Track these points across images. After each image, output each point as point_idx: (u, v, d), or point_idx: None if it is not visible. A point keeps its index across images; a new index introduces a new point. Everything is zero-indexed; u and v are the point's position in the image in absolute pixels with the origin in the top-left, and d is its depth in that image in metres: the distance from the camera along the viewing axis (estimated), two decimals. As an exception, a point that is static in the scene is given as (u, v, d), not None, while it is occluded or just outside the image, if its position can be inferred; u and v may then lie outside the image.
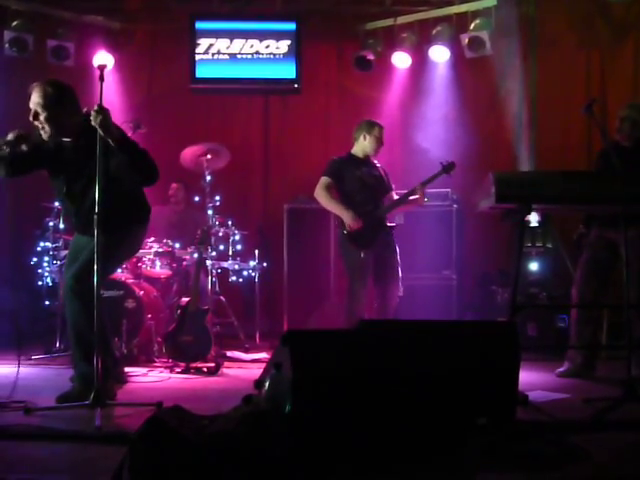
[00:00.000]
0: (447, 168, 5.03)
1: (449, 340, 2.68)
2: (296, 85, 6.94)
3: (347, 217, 4.88)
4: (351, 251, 4.93)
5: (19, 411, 3.31)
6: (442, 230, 6.19)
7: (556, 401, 3.76)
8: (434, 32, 6.73)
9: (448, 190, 6.24)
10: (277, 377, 2.43)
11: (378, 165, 5.16)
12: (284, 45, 6.92)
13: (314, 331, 2.97)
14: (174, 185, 6.37)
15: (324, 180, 5.02)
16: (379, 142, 5.04)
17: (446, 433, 2.49)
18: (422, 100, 6.97)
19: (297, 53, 6.91)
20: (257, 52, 6.94)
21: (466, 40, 6.54)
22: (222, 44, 6.94)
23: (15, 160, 3.72)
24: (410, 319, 4.97)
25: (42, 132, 3.69)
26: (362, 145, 5.06)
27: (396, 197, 5.10)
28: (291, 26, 6.95)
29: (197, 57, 6.91)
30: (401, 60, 6.93)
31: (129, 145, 3.63)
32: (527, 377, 4.01)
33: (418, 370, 2.58)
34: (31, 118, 3.66)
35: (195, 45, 6.90)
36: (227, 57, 6.94)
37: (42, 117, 3.64)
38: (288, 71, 6.92)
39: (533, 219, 5.86)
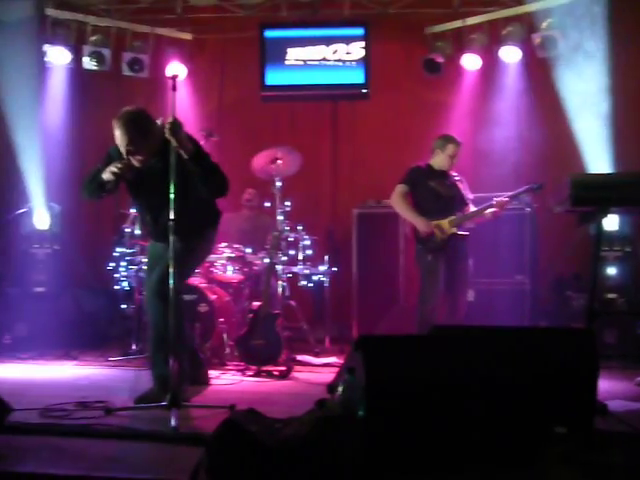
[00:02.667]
0: (535, 190, 5.09)
1: (525, 347, 2.63)
2: (364, 90, 6.94)
3: (419, 223, 5.04)
4: (423, 256, 5.07)
5: (100, 411, 3.44)
6: (515, 233, 6.05)
7: (636, 411, 3.63)
8: (504, 32, 6.63)
9: (521, 192, 6.12)
10: (350, 382, 2.44)
11: (457, 178, 5.23)
12: (354, 50, 6.94)
13: (387, 336, 2.96)
14: (250, 190, 6.46)
15: (400, 188, 5.17)
16: (451, 160, 5.14)
17: (523, 441, 2.45)
18: (493, 102, 6.86)
19: (366, 58, 6.92)
20: (326, 59, 6.98)
21: (538, 39, 6.42)
22: (293, 52, 7.03)
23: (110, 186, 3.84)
24: (482, 325, 4.90)
25: (135, 162, 3.80)
26: (437, 159, 5.19)
27: (473, 209, 5.15)
28: (359, 31, 6.98)
29: (267, 65, 7.01)
30: (471, 62, 6.86)
31: (201, 157, 3.74)
32: (606, 386, 3.88)
33: (492, 377, 2.54)
34: (125, 156, 3.76)
35: (264, 53, 7.01)
36: (296, 64, 7.01)
37: (133, 151, 3.74)
38: (356, 76, 6.94)
39: (611, 222, 5.68)
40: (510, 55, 6.69)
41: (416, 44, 7.13)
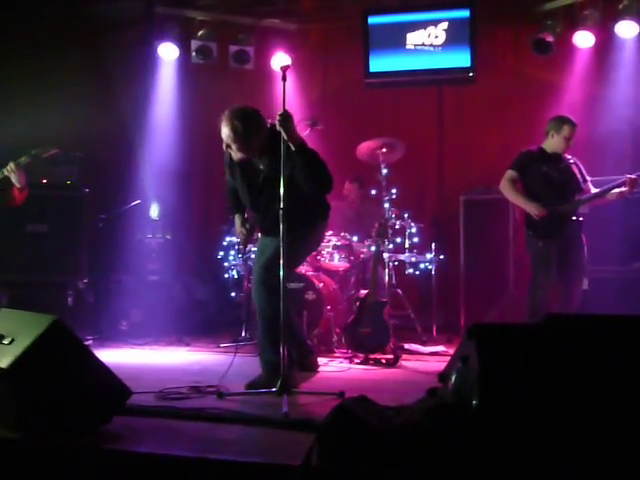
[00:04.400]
0: None
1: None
2: (471, 74, 6.75)
3: (531, 208, 4.89)
4: (534, 242, 4.93)
5: (212, 395, 3.52)
6: (633, 218, 5.74)
7: None
8: (621, 6, 6.27)
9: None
10: (464, 371, 2.38)
11: (571, 161, 5.02)
12: (446, 35, 6.76)
13: (501, 324, 2.85)
14: (347, 185, 6.45)
15: (510, 173, 5.04)
16: (567, 143, 4.95)
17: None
18: (608, 81, 6.51)
19: (471, 41, 6.72)
20: (430, 43, 6.84)
21: (659, 12, 6.03)
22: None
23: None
24: (602, 314, 4.67)
25: (233, 154, 3.91)
26: (551, 142, 5.00)
27: (594, 190, 4.93)
28: (464, 13, 6.78)
29: (371, 52, 6.94)
30: (583, 39, 6.52)
31: (307, 151, 3.76)
32: None
33: (615, 370, 2.40)
34: (224, 147, 3.90)
35: (368, 40, 6.93)
36: (400, 49, 6.92)
37: (234, 148, 3.86)
38: (462, 60, 6.76)
39: None
40: (627, 30, 6.31)
41: (524, 24, 6.87)
